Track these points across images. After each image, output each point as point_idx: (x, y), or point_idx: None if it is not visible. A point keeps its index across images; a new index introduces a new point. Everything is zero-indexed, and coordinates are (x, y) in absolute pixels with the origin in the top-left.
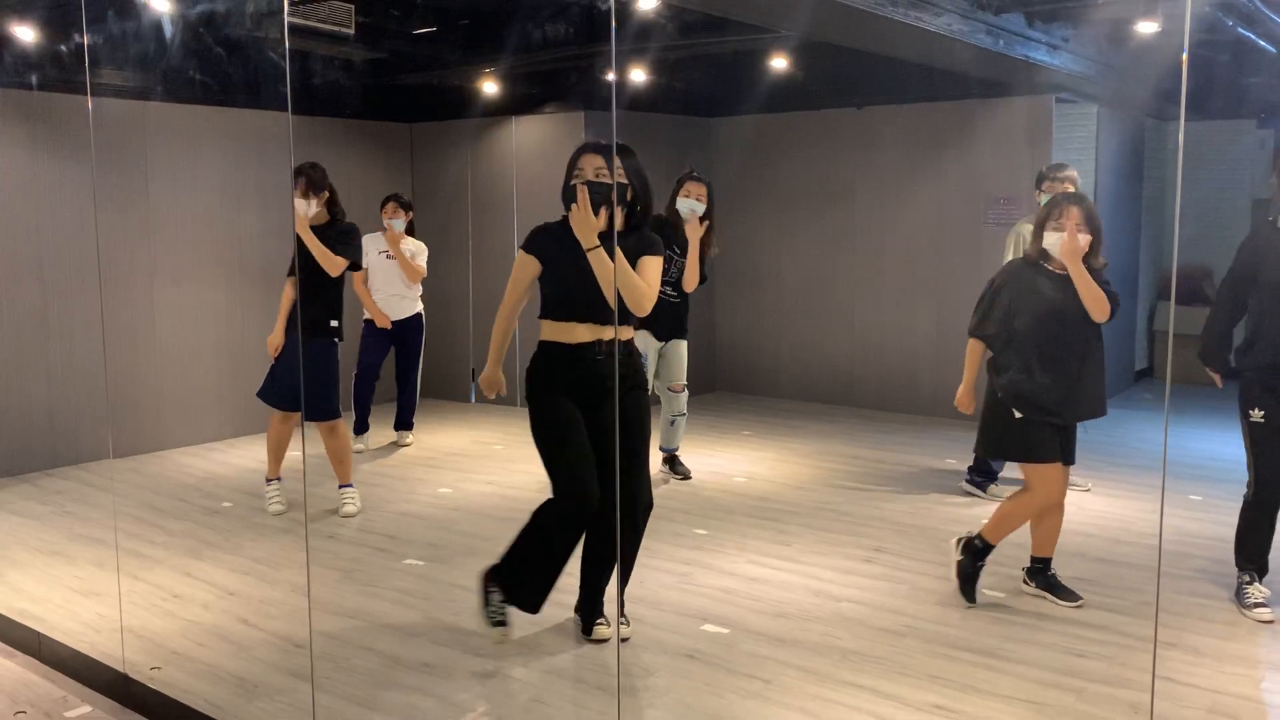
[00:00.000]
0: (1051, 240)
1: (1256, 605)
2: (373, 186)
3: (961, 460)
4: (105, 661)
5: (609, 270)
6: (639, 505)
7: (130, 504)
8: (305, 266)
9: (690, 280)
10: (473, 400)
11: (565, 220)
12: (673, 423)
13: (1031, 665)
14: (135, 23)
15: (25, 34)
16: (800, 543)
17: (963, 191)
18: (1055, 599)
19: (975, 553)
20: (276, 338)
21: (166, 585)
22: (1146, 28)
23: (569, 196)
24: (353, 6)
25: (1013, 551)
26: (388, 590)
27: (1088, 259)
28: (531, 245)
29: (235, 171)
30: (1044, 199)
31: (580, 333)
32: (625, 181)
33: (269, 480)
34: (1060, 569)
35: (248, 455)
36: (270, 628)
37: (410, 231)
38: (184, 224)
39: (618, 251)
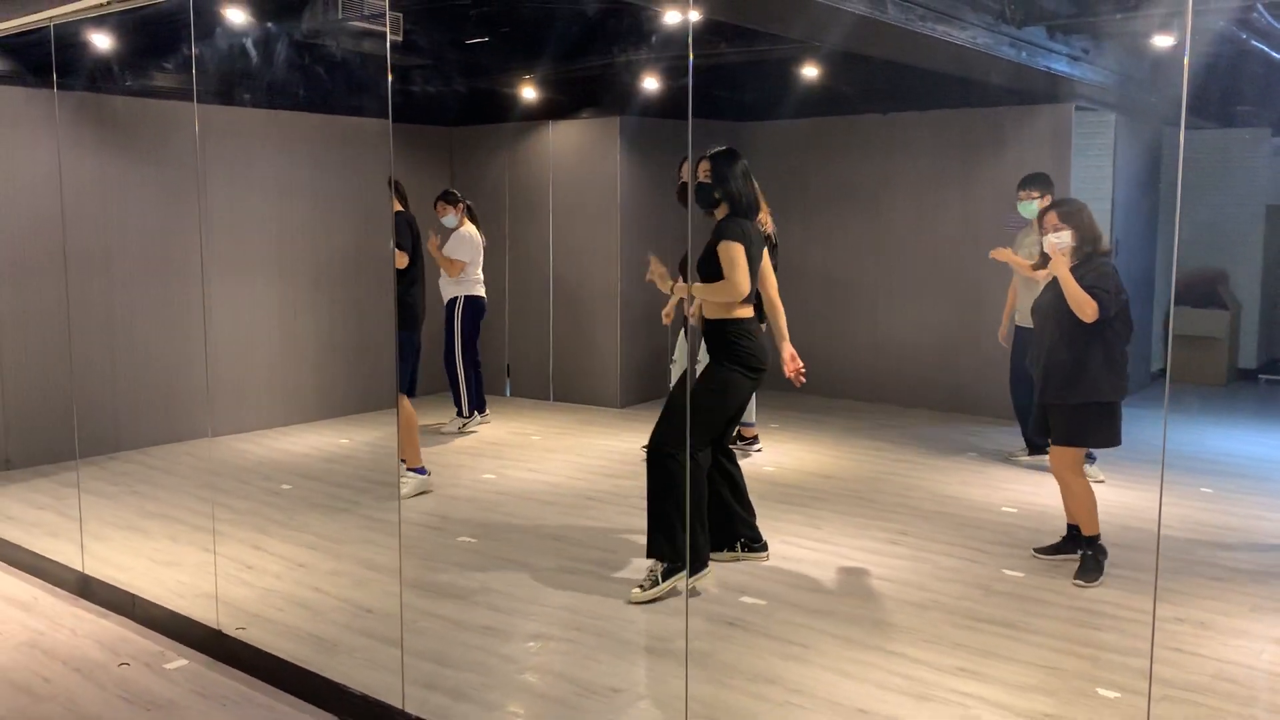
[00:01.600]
0: (1046, 245)
1: None
2: (416, 187)
3: (980, 454)
4: (198, 619)
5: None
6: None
7: (193, 485)
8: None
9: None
10: (507, 394)
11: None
12: None
13: (1049, 636)
14: (226, 35)
15: (107, 41)
16: (830, 526)
17: (985, 196)
18: (1076, 576)
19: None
20: None
21: (240, 558)
22: (1163, 41)
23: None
24: (400, 16)
25: (1030, 536)
26: (443, 564)
27: (1083, 253)
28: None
29: (286, 171)
30: (1020, 206)
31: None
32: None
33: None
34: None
35: (300, 441)
36: (341, 594)
37: (472, 220)
38: (238, 222)
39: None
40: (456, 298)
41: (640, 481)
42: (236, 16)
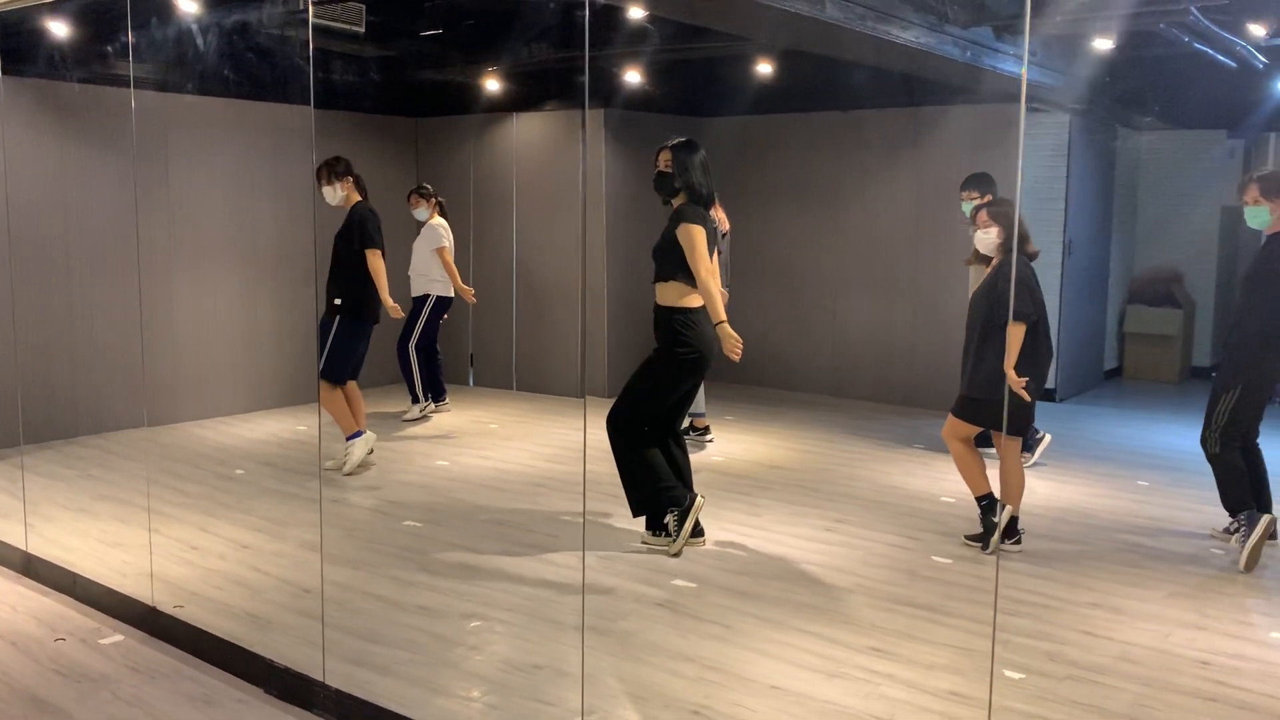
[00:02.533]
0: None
1: None
2: (381, 178)
3: (928, 445)
4: (135, 597)
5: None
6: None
7: (150, 470)
8: (345, 254)
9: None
10: (470, 384)
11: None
12: None
13: (966, 619)
14: (168, 22)
15: (58, 28)
16: (769, 514)
17: (938, 194)
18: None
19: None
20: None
21: (186, 539)
22: (1102, 43)
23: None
24: (364, 6)
25: (965, 525)
26: (388, 547)
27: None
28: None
29: (251, 162)
30: (962, 205)
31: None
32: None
33: (352, 436)
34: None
35: (259, 428)
36: (281, 574)
37: (443, 214)
38: (202, 211)
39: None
40: (430, 295)
41: (592, 467)
42: (190, 4)
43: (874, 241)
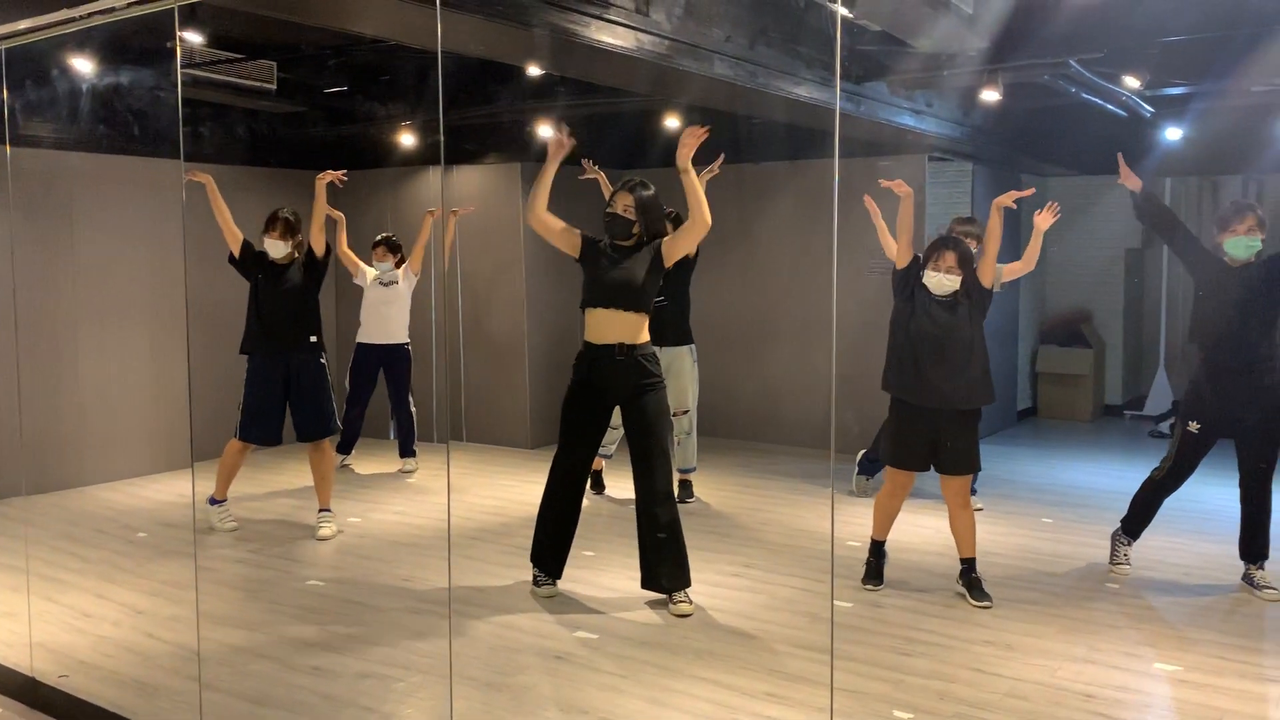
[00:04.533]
0: (929, 279)
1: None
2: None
3: (846, 489)
4: (14, 668)
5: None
6: (655, 495)
7: (49, 535)
8: (300, 299)
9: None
10: (391, 436)
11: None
12: (679, 443)
13: (862, 662)
14: (62, 80)
15: None
16: None
17: (849, 243)
18: (969, 598)
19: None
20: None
21: (79, 606)
22: (990, 95)
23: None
24: (275, 64)
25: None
26: (289, 607)
27: (978, 288)
28: (585, 238)
29: (160, 218)
30: None
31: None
32: (632, 218)
33: (217, 501)
34: (908, 581)
35: (166, 489)
36: (175, 640)
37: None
38: (108, 269)
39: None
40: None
41: (507, 518)
42: (85, 64)
43: (790, 289)
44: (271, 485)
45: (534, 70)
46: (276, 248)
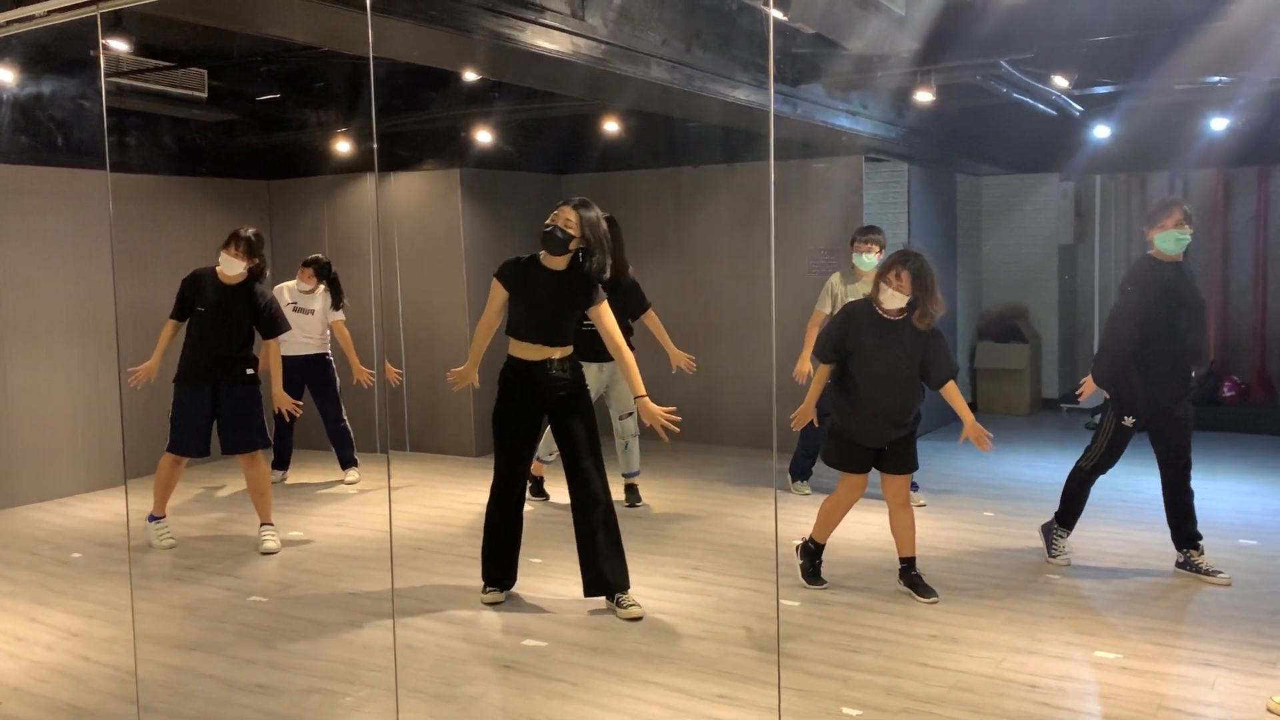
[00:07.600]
0: (886, 296)
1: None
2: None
3: (783, 488)
4: None
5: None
6: (590, 501)
7: None
8: (237, 327)
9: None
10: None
11: (534, 256)
12: (626, 446)
13: (811, 660)
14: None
15: None
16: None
17: (787, 243)
18: (915, 595)
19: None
20: (152, 366)
21: (10, 630)
22: (924, 96)
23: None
24: (205, 72)
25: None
26: (231, 624)
27: (925, 313)
28: (501, 276)
29: (86, 231)
30: (855, 258)
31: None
32: (576, 234)
33: (156, 518)
34: (854, 578)
35: (100, 508)
36: (112, 662)
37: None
38: (33, 284)
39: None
40: (328, 353)
41: (452, 527)
42: (4, 73)
43: (733, 291)
44: (208, 500)
45: (470, 75)
46: (232, 265)
